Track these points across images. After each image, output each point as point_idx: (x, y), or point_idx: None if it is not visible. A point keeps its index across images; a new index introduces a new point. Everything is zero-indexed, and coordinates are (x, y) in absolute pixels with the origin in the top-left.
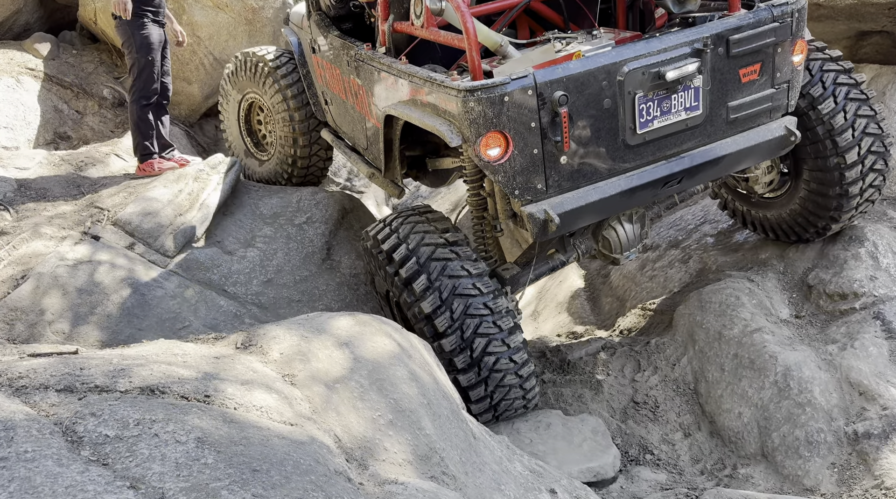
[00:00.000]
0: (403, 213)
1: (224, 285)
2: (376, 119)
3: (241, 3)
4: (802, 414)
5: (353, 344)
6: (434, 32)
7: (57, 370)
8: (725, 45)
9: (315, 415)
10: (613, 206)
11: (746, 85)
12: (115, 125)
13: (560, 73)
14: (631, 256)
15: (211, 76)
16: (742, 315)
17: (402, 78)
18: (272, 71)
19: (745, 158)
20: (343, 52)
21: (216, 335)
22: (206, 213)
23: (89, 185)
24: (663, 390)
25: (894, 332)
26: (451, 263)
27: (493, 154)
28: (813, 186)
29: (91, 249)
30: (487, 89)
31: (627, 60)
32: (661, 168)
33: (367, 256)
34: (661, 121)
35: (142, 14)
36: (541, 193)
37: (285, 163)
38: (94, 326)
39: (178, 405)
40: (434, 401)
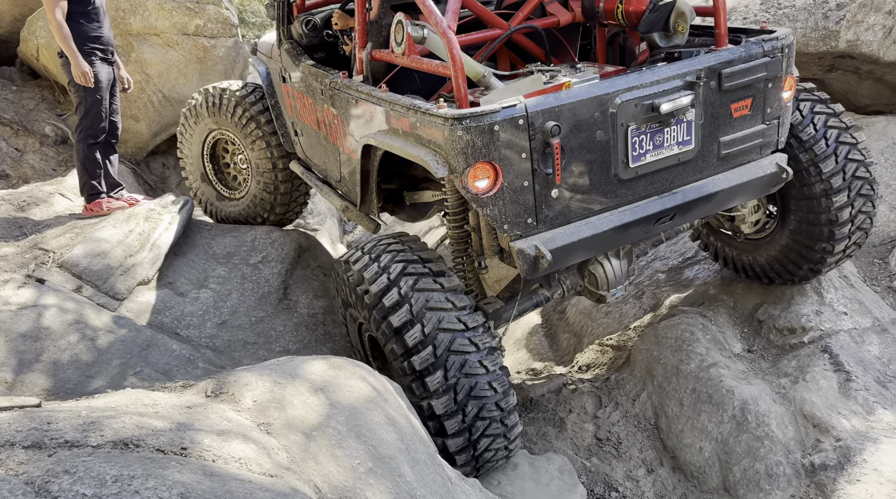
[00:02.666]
0: (384, 240)
1: (177, 328)
2: (352, 150)
3: (192, 42)
4: (761, 447)
5: (329, 389)
6: (417, 60)
7: (22, 425)
8: (718, 78)
9: (294, 465)
10: (606, 242)
11: (738, 120)
12: (57, 163)
13: (552, 103)
14: (617, 294)
15: (159, 114)
16: (698, 350)
17: (382, 106)
18: (247, 105)
19: (737, 194)
20: (316, 80)
21: (184, 383)
22: (157, 253)
23: (32, 225)
24: (625, 426)
25: (841, 365)
26: (435, 295)
27: (481, 186)
28: (801, 227)
29: (36, 292)
30: (476, 118)
31: (620, 91)
32: (654, 204)
33: (342, 285)
34: (654, 155)
35: (89, 52)
36: (531, 227)
37: (264, 201)
38: (40, 374)
39: (156, 459)
40: (412, 446)
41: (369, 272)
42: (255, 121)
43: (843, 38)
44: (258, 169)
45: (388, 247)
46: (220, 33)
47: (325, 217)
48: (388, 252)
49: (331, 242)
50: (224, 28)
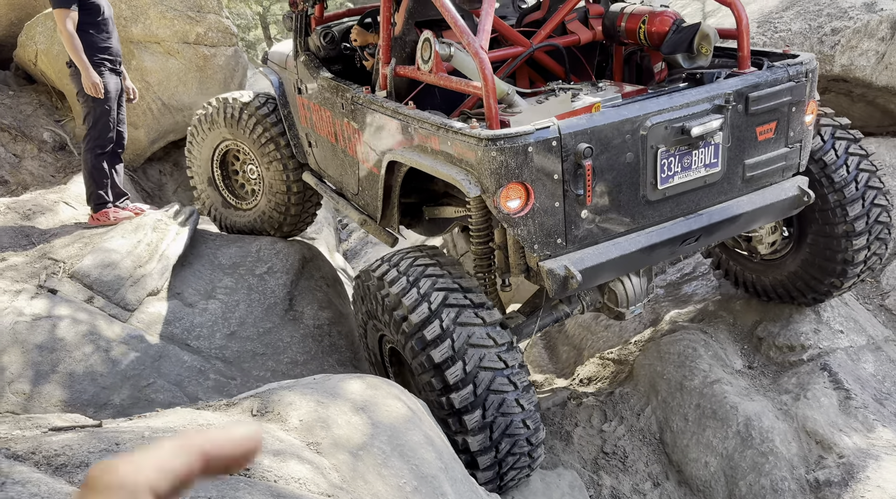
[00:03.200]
0: (419, 260)
1: (187, 339)
2: (373, 164)
3: (193, 50)
4: (766, 463)
5: (369, 409)
6: (444, 78)
7: (93, 446)
8: (745, 102)
9: (345, 484)
10: (633, 262)
11: (762, 143)
12: (55, 170)
13: (585, 125)
14: (636, 311)
15: (158, 122)
16: (701, 366)
17: (409, 123)
18: (260, 117)
19: (760, 216)
20: (336, 94)
21: (227, 402)
22: (165, 264)
23: (39, 234)
24: (630, 440)
25: (841, 383)
26: (477, 330)
27: (512, 206)
28: (817, 250)
29: (49, 303)
30: (510, 139)
31: (651, 114)
32: (681, 225)
33: (370, 299)
34: (682, 177)
35: (98, 63)
36: (560, 247)
37: (276, 211)
38: (56, 386)
39: (225, 481)
40: (449, 465)
41: (408, 299)
42: (268, 133)
43: (838, 62)
44: (271, 187)
45: (425, 270)
46: (220, 42)
47: (322, 226)
48: (426, 276)
49: (328, 251)
50: (224, 37)
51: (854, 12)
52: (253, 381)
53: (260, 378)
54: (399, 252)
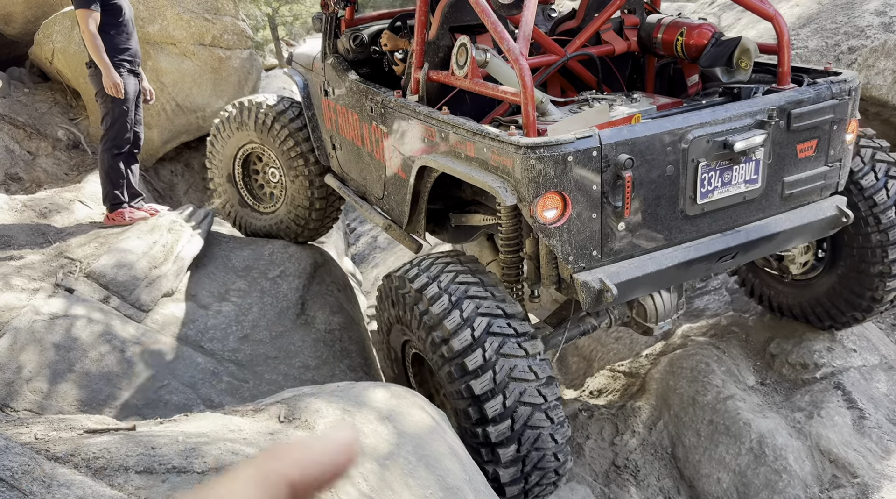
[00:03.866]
0: (461, 277)
1: (201, 341)
2: (401, 169)
3: (208, 52)
4: (780, 481)
5: (394, 418)
6: (480, 84)
7: (131, 450)
8: (787, 118)
9: (374, 493)
10: (669, 278)
11: (802, 161)
12: (69, 168)
13: (626, 135)
14: (665, 327)
15: (171, 122)
16: (714, 381)
17: (443, 129)
18: (286, 121)
19: (797, 235)
20: (365, 97)
21: (254, 407)
22: (180, 265)
23: (55, 233)
24: (642, 453)
25: (854, 402)
26: (520, 363)
27: (549, 216)
28: (850, 274)
29: (66, 302)
30: (550, 147)
31: (693, 127)
32: (718, 241)
33: (396, 303)
34: (721, 192)
35: (118, 64)
36: (595, 260)
37: (299, 216)
38: (73, 385)
39: None
40: (472, 476)
41: (451, 322)
42: (299, 148)
43: None
44: (293, 198)
45: (468, 291)
46: (235, 45)
47: (332, 231)
48: (469, 298)
49: (337, 256)
50: (239, 40)
51: (871, 31)
52: (265, 384)
53: (272, 382)
54: (432, 258)
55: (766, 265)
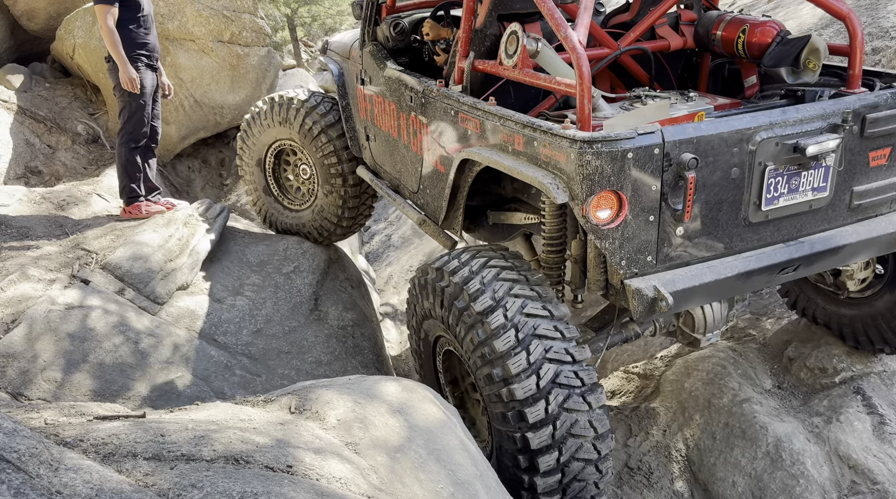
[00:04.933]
0: (482, 252)
1: (214, 335)
2: (440, 162)
3: (227, 49)
4: (797, 486)
5: (406, 412)
6: (531, 74)
7: (140, 437)
8: (861, 123)
9: (384, 486)
10: (728, 289)
11: (874, 169)
12: (87, 162)
13: (691, 133)
14: (712, 339)
15: (189, 118)
16: (730, 384)
17: (489, 120)
18: (318, 118)
19: (864, 249)
20: (405, 87)
21: (265, 397)
22: (195, 259)
23: (72, 225)
24: (656, 456)
25: (875, 407)
26: (543, 323)
27: (602, 216)
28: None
29: (81, 293)
30: (609, 143)
31: (762, 128)
32: (780, 252)
33: (425, 294)
34: (787, 199)
35: (136, 58)
36: (649, 266)
37: (331, 214)
38: (86, 375)
39: (268, 476)
40: (483, 471)
41: (504, 342)
42: (332, 146)
43: None
44: (322, 210)
45: (524, 307)
46: (253, 42)
47: None
48: (524, 315)
49: (351, 253)
50: (258, 37)
51: (895, 32)
52: (278, 378)
53: (285, 376)
54: (472, 251)
55: (819, 280)
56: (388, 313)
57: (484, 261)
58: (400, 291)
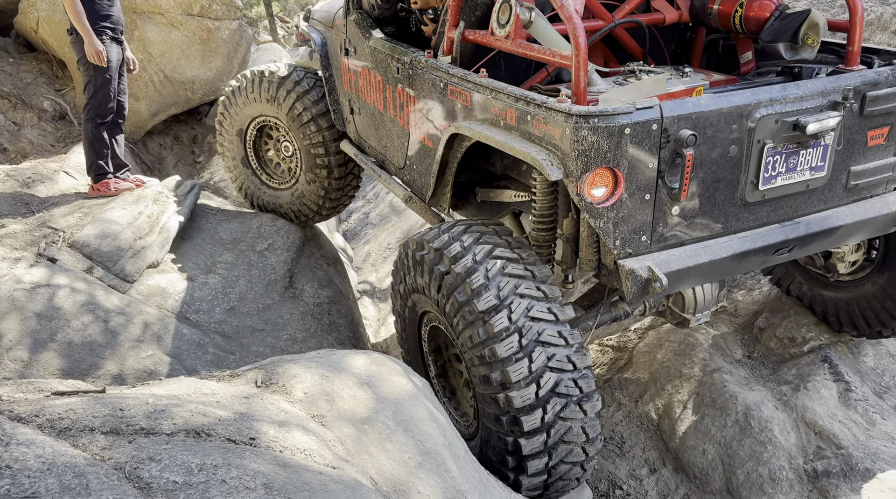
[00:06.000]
0: (473, 227)
1: (186, 313)
2: (428, 137)
3: (197, 23)
4: (764, 452)
5: (374, 384)
6: (524, 45)
7: (97, 411)
8: (861, 101)
9: (350, 457)
10: (723, 270)
11: (872, 149)
12: (55, 139)
13: (690, 109)
14: (702, 320)
15: (159, 93)
16: (701, 355)
17: (480, 93)
18: (299, 93)
19: (859, 230)
20: (392, 58)
21: (231, 372)
22: (166, 236)
23: (38, 203)
24: (628, 425)
25: (841, 375)
26: (538, 304)
27: (597, 194)
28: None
29: (48, 271)
30: (606, 117)
31: (762, 104)
32: (776, 232)
33: (419, 271)
34: (785, 178)
35: (100, 31)
36: (644, 245)
37: (312, 202)
38: (54, 354)
39: (230, 449)
40: (452, 441)
41: (506, 348)
42: (315, 123)
43: None
44: (309, 176)
45: (529, 309)
46: (224, 15)
47: None
48: (529, 319)
49: (328, 231)
50: (228, 10)
51: (867, 4)
52: (252, 356)
53: (259, 354)
54: (451, 222)
55: (809, 262)
56: (367, 291)
57: (488, 249)
58: (378, 268)
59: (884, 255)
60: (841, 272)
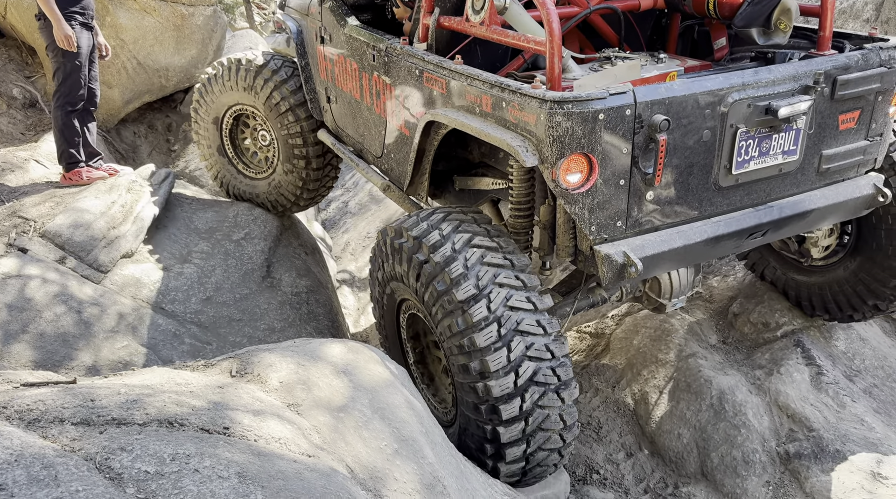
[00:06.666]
0: (452, 215)
1: (162, 303)
2: (405, 125)
3: (170, 9)
4: (738, 435)
5: (350, 372)
6: (499, 31)
7: (68, 402)
8: (832, 85)
9: (326, 445)
10: (697, 254)
11: (843, 133)
12: (25, 127)
13: (663, 94)
14: (678, 305)
15: (133, 81)
16: (676, 340)
17: (456, 80)
18: (277, 82)
19: (831, 213)
20: (367, 46)
21: (205, 362)
22: (140, 226)
23: (8, 192)
24: (605, 411)
25: (813, 359)
26: (517, 294)
27: (572, 180)
28: (878, 259)
29: (19, 262)
30: (580, 103)
31: (734, 89)
32: (749, 217)
33: (398, 259)
34: (758, 162)
35: (70, 16)
36: (619, 231)
37: (289, 193)
38: (27, 346)
39: (203, 438)
40: (429, 428)
41: (485, 338)
42: (293, 113)
43: None
44: (287, 167)
45: (508, 298)
46: (198, 1)
47: None
48: (508, 309)
49: (307, 220)
50: None
51: None
52: (229, 346)
53: (236, 344)
54: (430, 209)
55: (783, 247)
56: (346, 280)
57: (467, 238)
58: (357, 257)
59: (856, 239)
60: (814, 257)
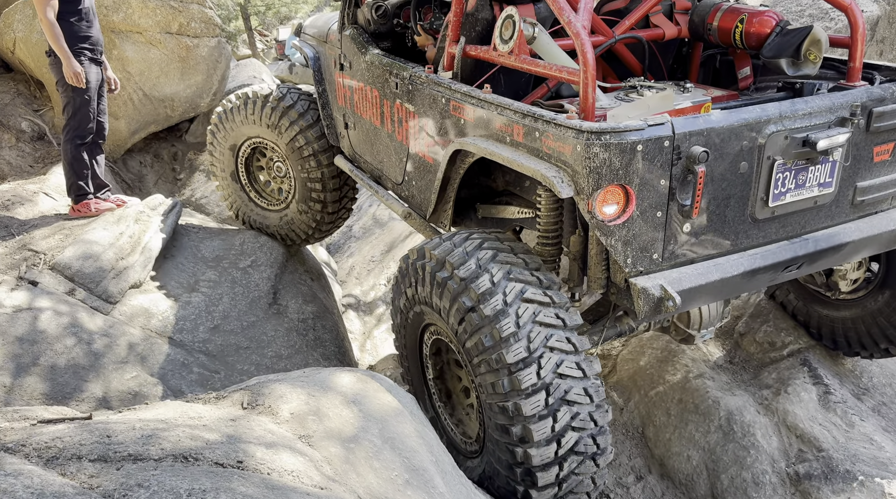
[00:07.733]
0: (478, 236)
1: (170, 333)
2: (429, 153)
3: (175, 41)
4: (748, 457)
5: (360, 402)
6: (529, 61)
7: (84, 439)
8: (868, 117)
9: (338, 477)
10: (733, 287)
11: (878, 165)
12: (33, 160)
13: (701, 125)
14: (707, 336)
15: (139, 112)
16: (683, 361)
17: (485, 109)
18: (312, 139)
19: (865, 246)
20: (390, 73)
21: (217, 394)
22: (148, 256)
23: (18, 225)
24: (613, 433)
25: (820, 378)
26: (531, 287)
27: (608, 211)
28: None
29: (30, 295)
30: (618, 134)
31: (772, 120)
32: (785, 249)
33: (414, 278)
34: (794, 195)
35: (79, 52)
36: (655, 263)
37: (301, 231)
38: (38, 378)
39: (218, 473)
40: (439, 457)
41: (526, 378)
42: (315, 158)
43: None
44: (302, 207)
45: (496, 256)
46: (203, 33)
47: None
48: (498, 263)
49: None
50: (207, 28)
51: (835, 13)
52: (237, 374)
53: (244, 372)
54: (453, 232)
55: (809, 280)
56: (351, 304)
57: (466, 235)
58: (362, 281)
59: (885, 272)
60: (843, 290)
